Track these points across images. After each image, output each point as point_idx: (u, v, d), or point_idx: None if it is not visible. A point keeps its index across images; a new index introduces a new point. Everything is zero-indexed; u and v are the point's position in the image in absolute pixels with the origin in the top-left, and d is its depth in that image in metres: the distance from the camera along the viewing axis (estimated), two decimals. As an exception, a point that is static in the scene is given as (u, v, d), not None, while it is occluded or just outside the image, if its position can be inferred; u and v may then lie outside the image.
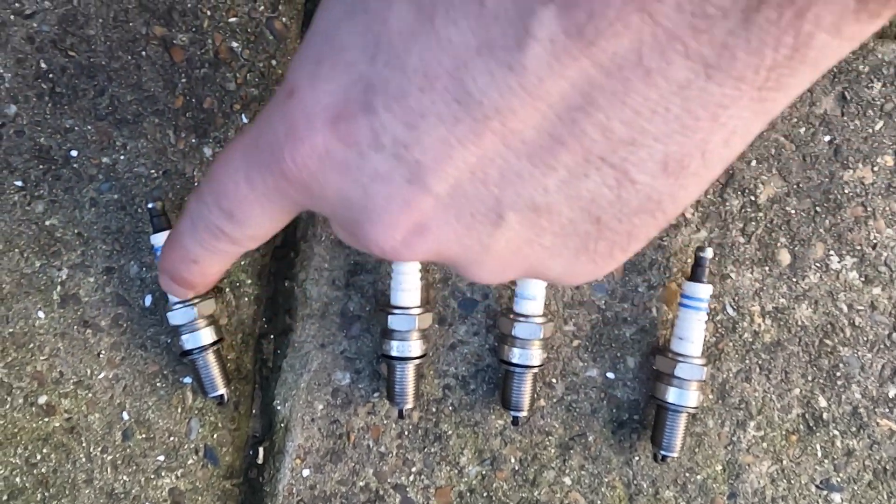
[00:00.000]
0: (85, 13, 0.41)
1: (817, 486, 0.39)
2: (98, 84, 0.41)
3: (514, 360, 0.38)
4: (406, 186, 0.23)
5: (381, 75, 0.21)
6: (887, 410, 0.39)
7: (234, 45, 0.41)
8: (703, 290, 0.37)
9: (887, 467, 0.39)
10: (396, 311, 0.38)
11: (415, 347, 0.38)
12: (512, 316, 0.38)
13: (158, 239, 0.38)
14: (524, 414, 0.39)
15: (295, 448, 0.41)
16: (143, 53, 0.41)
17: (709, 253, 0.38)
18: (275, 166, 0.24)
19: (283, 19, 0.41)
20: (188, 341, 0.39)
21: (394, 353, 0.38)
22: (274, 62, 0.41)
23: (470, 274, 0.26)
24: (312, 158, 0.23)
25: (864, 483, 0.39)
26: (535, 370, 0.38)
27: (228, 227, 0.28)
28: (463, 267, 0.26)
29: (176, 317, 0.38)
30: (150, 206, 0.39)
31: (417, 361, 0.38)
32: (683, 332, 0.38)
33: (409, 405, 0.39)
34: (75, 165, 0.41)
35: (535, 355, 0.38)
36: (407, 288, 0.38)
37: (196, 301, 0.39)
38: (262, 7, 0.41)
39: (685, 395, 0.37)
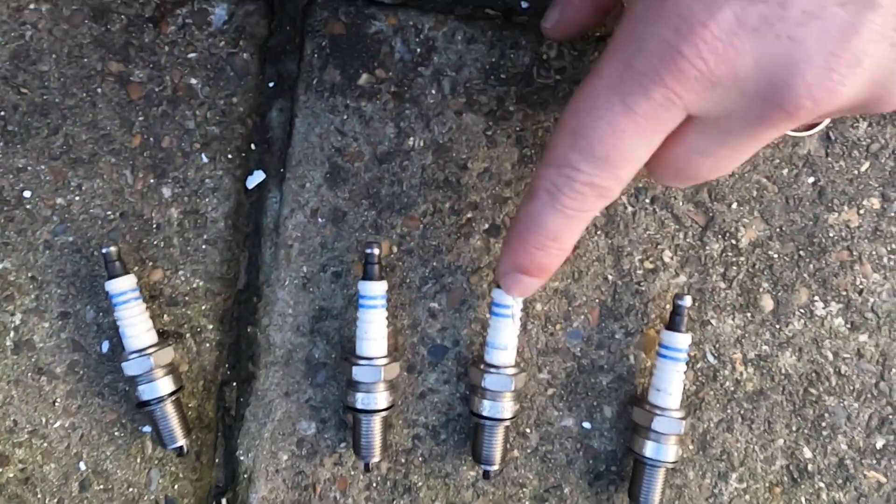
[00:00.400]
0: (37, 48, 0.39)
1: (802, 541, 0.38)
2: (52, 122, 0.39)
3: (485, 413, 0.36)
4: (844, 11, 0.22)
5: None
6: (875, 462, 0.38)
7: (194, 81, 0.39)
8: (682, 340, 0.36)
9: (874, 521, 0.38)
10: (361, 361, 0.36)
11: (381, 399, 0.36)
12: (482, 366, 0.36)
13: (114, 285, 0.37)
14: (496, 468, 0.37)
15: (259, 500, 0.39)
16: (99, 90, 0.39)
17: (687, 301, 0.36)
18: (666, 74, 0.24)
19: (244, 55, 0.39)
20: (145, 392, 0.37)
21: (359, 406, 0.36)
22: (235, 99, 0.39)
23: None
24: (721, 38, 0.23)
25: (850, 537, 0.38)
26: (507, 423, 0.36)
27: (603, 175, 0.28)
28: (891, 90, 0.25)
29: (131, 367, 0.37)
30: (104, 250, 0.37)
31: (384, 414, 0.37)
32: (661, 382, 0.36)
33: (376, 458, 0.37)
34: (28, 207, 0.39)
35: (506, 408, 0.36)
36: (372, 337, 0.37)
37: (152, 350, 0.37)
38: (223, 42, 0.39)
39: (663, 450, 0.36)
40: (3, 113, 0.39)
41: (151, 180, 0.39)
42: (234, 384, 0.40)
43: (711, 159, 0.29)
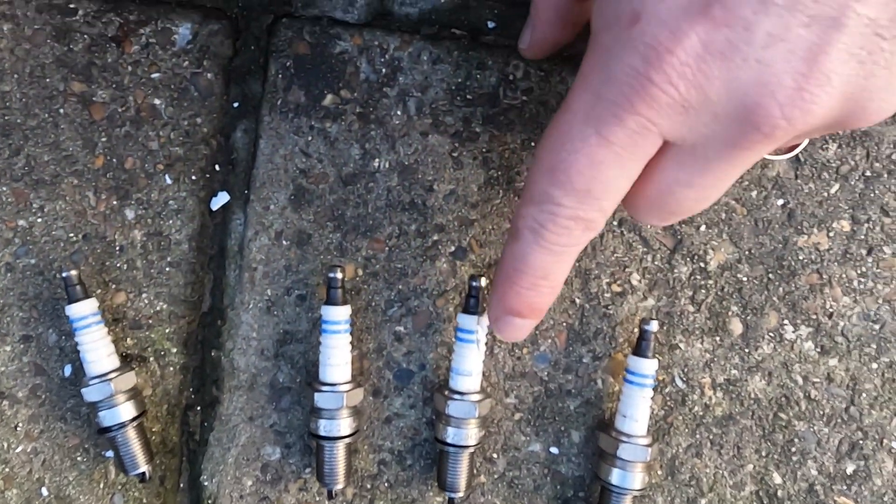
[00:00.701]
0: (-1, 68, 0.38)
1: (772, 568, 0.37)
2: (13, 143, 0.39)
3: (449, 440, 0.36)
4: (808, 33, 0.23)
5: None
6: (845, 487, 0.37)
7: (157, 101, 0.38)
8: (648, 366, 0.35)
9: (845, 547, 0.37)
10: (324, 387, 0.36)
11: (344, 426, 0.36)
12: (447, 392, 0.36)
13: (74, 309, 0.36)
14: (461, 495, 0.36)
15: (223, 526, 0.38)
16: (61, 111, 0.39)
17: (654, 326, 0.35)
18: (637, 101, 0.24)
19: (208, 75, 0.39)
20: (106, 418, 0.37)
21: (322, 433, 0.36)
22: (199, 120, 0.39)
23: (879, 107, 0.25)
24: (689, 63, 0.23)
25: (821, 564, 0.37)
26: (471, 450, 0.36)
27: (586, 208, 0.27)
28: (868, 100, 0.25)
29: (91, 393, 0.36)
30: (64, 274, 0.36)
31: (347, 440, 0.36)
32: (627, 409, 0.36)
33: (340, 485, 0.37)
34: (-11, 229, 0.39)
35: (470, 435, 0.36)
36: (336, 363, 0.36)
37: (113, 375, 0.36)
38: (186, 62, 0.38)
39: (629, 477, 0.35)
40: (-37, 134, 0.38)
41: (114, 202, 0.39)
42: (199, 408, 0.39)
43: (692, 190, 0.28)
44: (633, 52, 0.24)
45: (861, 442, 0.37)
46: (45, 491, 0.39)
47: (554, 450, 0.38)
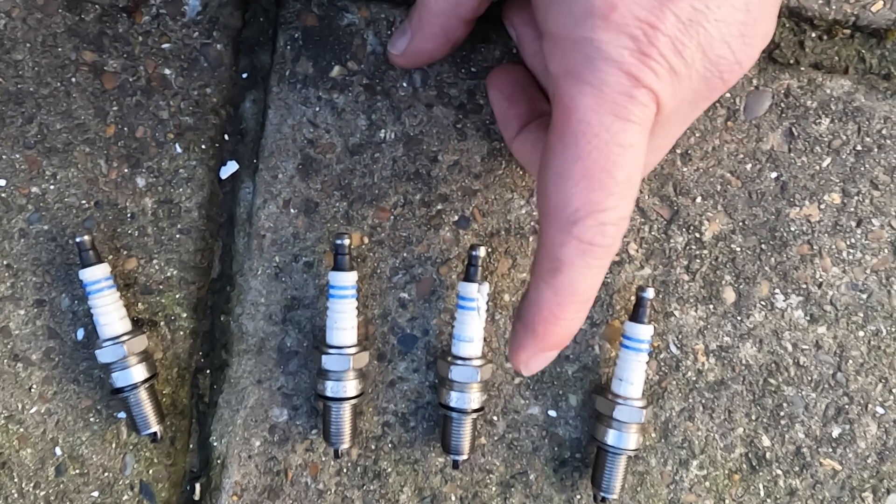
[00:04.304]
0: (12, 37, 0.39)
1: (759, 526, 0.39)
2: (26, 111, 0.39)
3: (452, 404, 0.37)
4: None
5: None
6: (830, 450, 0.39)
7: (168, 71, 0.39)
8: (644, 331, 0.37)
9: (830, 507, 0.39)
10: (331, 350, 0.37)
11: (350, 388, 0.37)
12: (449, 359, 0.37)
13: (87, 274, 0.37)
14: (464, 457, 0.38)
15: (232, 485, 0.40)
16: (73, 80, 0.39)
17: (650, 293, 0.37)
18: (640, 74, 0.26)
19: (218, 46, 0.39)
20: (119, 379, 0.38)
21: (328, 394, 0.37)
22: (208, 90, 0.39)
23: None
24: (670, 33, 0.26)
25: (806, 523, 0.39)
26: (474, 414, 0.37)
27: (627, 203, 0.27)
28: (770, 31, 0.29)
29: (105, 354, 0.37)
30: (78, 239, 0.37)
31: (353, 401, 0.38)
32: (623, 373, 0.37)
33: (346, 445, 0.38)
34: (3, 195, 0.39)
35: (473, 399, 0.37)
36: (342, 327, 0.37)
37: (126, 338, 0.38)
38: (196, 33, 0.39)
39: (624, 438, 0.37)
40: (-23, 102, 0.39)
41: (126, 170, 0.40)
42: (208, 372, 0.40)
43: (660, 152, 0.32)
44: (621, 36, 0.26)
45: (847, 407, 0.39)
46: (58, 451, 0.40)
47: (552, 413, 0.39)
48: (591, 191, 0.27)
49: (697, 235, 0.39)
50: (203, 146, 0.40)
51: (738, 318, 0.39)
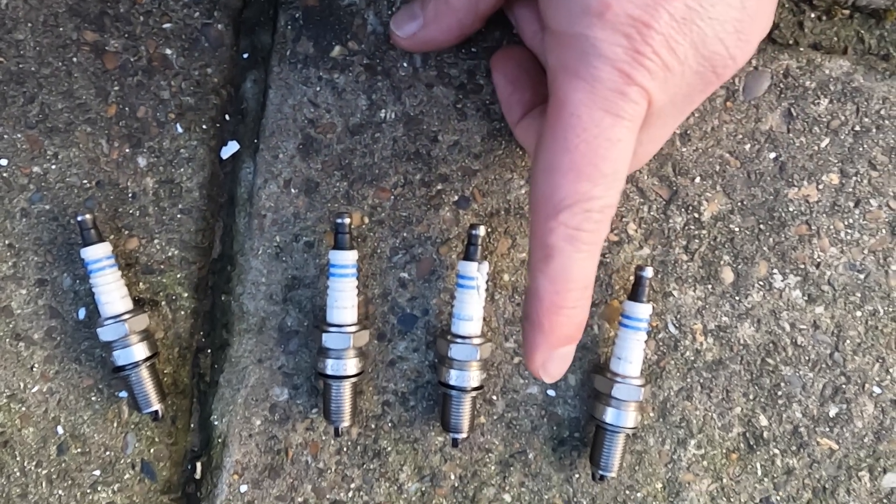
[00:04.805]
0: (13, 17, 0.39)
1: (757, 505, 0.39)
2: (28, 91, 0.39)
3: (452, 382, 0.37)
4: None
5: None
6: (827, 429, 0.39)
7: (169, 51, 0.39)
8: (643, 310, 0.37)
9: (826, 486, 0.39)
10: (332, 329, 0.37)
11: (350, 366, 0.37)
12: (449, 337, 0.37)
13: (89, 252, 0.37)
14: (464, 436, 0.38)
15: (232, 464, 0.40)
16: (74, 60, 0.39)
17: (649, 272, 0.37)
18: (633, 72, 0.27)
19: (219, 26, 0.39)
20: (120, 357, 0.38)
21: (329, 372, 0.37)
22: (209, 70, 0.40)
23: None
24: (664, 31, 0.26)
25: (803, 502, 0.39)
26: (473, 392, 0.37)
27: (613, 193, 0.28)
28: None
29: (107, 333, 0.38)
30: (79, 218, 0.38)
31: (353, 380, 0.38)
32: (622, 351, 0.37)
33: (346, 423, 0.38)
34: (5, 174, 0.40)
35: (472, 377, 0.37)
36: (343, 305, 0.37)
37: (127, 316, 0.38)
38: (198, 13, 0.39)
39: (623, 416, 0.37)
40: (-22, 81, 0.39)
41: (127, 150, 0.40)
42: (209, 351, 0.41)
43: (652, 145, 0.32)
44: (615, 34, 0.27)
45: (844, 386, 0.39)
46: (60, 429, 0.40)
47: (551, 392, 0.40)
48: (578, 181, 0.28)
49: (696, 215, 0.39)
50: (204, 126, 0.40)
51: (737, 297, 0.39)
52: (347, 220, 0.37)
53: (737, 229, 0.39)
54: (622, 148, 0.28)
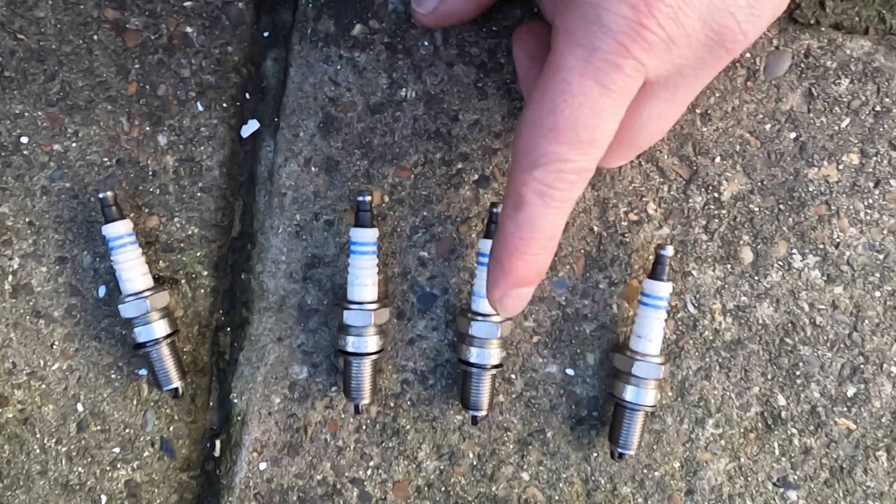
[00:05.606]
0: (34, -6, 0.39)
1: (774, 484, 0.39)
2: (48, 69, 0.39)
3: (472, 360, 0.37)
4: None
5: None
6: (845, 409, 0.39)
7: (189, 30, 0.39)
8: (663, 289, 0.37)
9: (844, 465, 0.39)
10: (352, 306, 0.37)
11: (371, 343, 0.37)
12: (470, 315, 0.37)
13: (110, 229, 0.38)
14: (483, 413, 0.38)
15: (252, 441, 0.40)
16: (95, 37, 0.39)
17: (669, 251, 0.37)
18: (632, 46, 0.27)
19: (240, 4, 0.39)
20: (141, 334, 0.38)
21: (349, 349, 0.37)
22: (230, 48, 0.40)
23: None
24: (672, 4, 0.26)
25: (820, 481, 0.39)
26: (493, 370, 0.38)
27: (589, 158, 0.29)
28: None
29: (128, 309, 0.38)
30: (100, 195, 0.38)
31: (374, 357, 0.38)
32: (642, 329, 0.37)
33: (366, 401, 0.38)
34: (25, 152, 0.40)
35: (492, 354, 0.37)
36: (363, 283, 0.38)
37: (148, 293, 0.38)
38: (218, -9, 0.39)
39: (642, 394, 0.37)
40: (0, 59, 0.39)
41: (147, 128, 0.40)
42: (228, 329, 0.41)
43: (661, 120, 0.32)
44: (621, 4, 0.27)
45: (862, 366, 0.39)
46: (80, 407, 0.41)
47: (570, 371, 0.40)
48: (556, 143, 0.28)
49: (716, 195, 0.39)
50: (224, 104, 0.40)
51: (756, 277, 0.39)
52: (368, 198, 0.37)
53: (756, 209, 0.39)
54: (605, 118, 0.28)
